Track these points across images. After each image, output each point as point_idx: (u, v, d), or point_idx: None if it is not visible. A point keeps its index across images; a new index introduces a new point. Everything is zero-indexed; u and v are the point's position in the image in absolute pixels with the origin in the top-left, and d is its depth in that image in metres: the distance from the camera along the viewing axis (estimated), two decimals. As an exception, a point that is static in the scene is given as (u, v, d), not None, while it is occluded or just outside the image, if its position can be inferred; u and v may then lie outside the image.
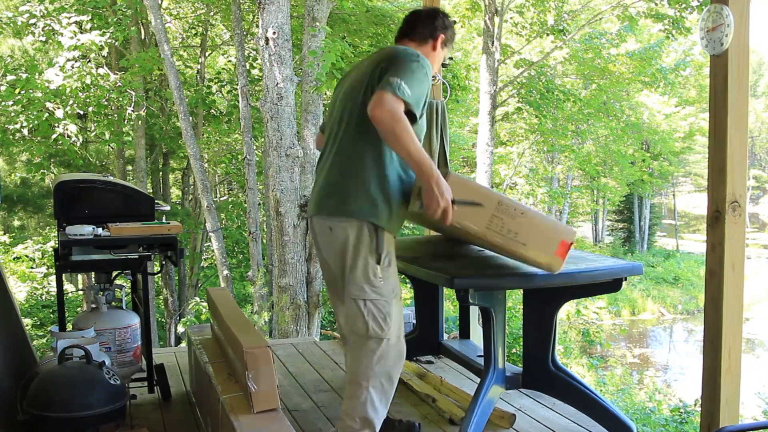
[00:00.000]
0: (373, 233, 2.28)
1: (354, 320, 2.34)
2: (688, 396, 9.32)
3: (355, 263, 2.30)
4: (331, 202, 2.33)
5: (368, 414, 2.34)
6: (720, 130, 2.19)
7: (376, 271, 2.30)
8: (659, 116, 23.61)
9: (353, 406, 2.36)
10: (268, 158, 6.96)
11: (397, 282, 2.39)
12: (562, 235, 2.29)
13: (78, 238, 2.84)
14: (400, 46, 2.38)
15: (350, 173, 2.30)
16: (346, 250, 2.31)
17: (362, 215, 2.27)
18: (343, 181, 2.32)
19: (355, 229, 2.28)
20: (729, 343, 2.21)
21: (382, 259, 2.30)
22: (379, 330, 2.32)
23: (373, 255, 2.29)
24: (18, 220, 14.97)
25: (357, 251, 2.30)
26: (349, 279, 2.33)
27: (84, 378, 2.51)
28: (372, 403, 2.34)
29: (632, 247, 27.84)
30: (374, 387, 2.34)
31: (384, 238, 2.30)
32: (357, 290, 2.31)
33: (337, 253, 2.35)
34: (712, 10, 2.20)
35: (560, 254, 2.28)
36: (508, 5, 13.18)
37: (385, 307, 2.32)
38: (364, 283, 2.30)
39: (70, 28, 8.25)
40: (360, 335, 2.34)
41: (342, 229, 2.30)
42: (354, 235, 2.29)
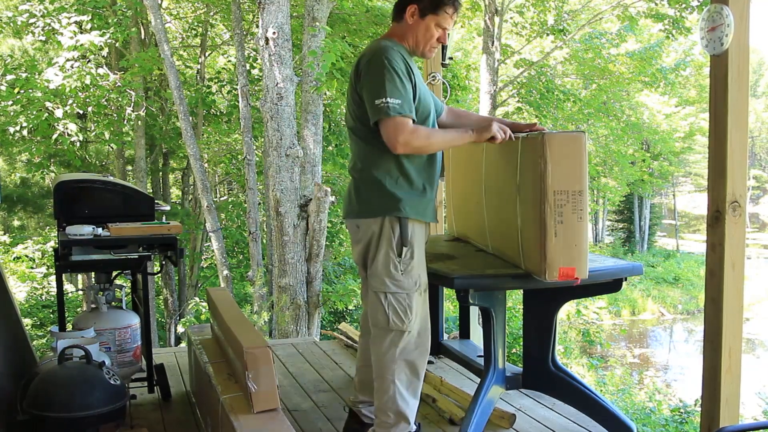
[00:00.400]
0: (396, 227, 2.35)
1: (375, 312, 2.40)
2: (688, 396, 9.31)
3: (376, 256, 2.37)
4: (355, 206, 2.43)
5: (399, 407, 2.39)
6: (720, 130, 2.19)
7: (397, 265, 2.35)
8: (659, 116, 23.61)
9: (384, 401, 2.40)
10: (268, 158, 6.96)
11: (421, 275, 2.41)
12: (581, 265, 2.28)
13: (78, 238, 2.84)
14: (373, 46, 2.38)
15: (367, 179, 2.39)
16: (370, 244, 2.40)
17: (383, 213, 2.35)
18: (362, 186, 2.41)
19: (378, 225, 2.37)
20: (729, 343, 2.21)
21: (404, 253, 2.35)
22: (400, 323, 2.36)
23: (394, 249, 2.35)
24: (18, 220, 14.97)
25: (379, 245, 2.37)
26: (371, 272, 2.40)
27: (84, 378, 2.51)
28: (401, 395, 2.39)
29: (632, 247, 27.84)
30: (399, 380, 2.38)
31: (409, 228, 2.35)
32: (378, 283, 2.37)
33: (364, 247, 2.43)
34: (712, 10, 2.20)
35: (561, 274, 2.27)
36: (508, 5, 13.19)
37: (405, 300, 2.36)
38: (384, 276, 2.36)
39: (70, 28, 8.25)
40: (381, 327, 2.39)
41: (367, 225, 2.40)
42: (377, 230, 2.37)
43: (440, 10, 2.38)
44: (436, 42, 2.44)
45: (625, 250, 27.15)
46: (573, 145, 2.26)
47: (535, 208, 2.29)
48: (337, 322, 10.35)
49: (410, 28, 2.41)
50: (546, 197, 2.24)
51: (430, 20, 2.39)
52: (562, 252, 2.27)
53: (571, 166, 2.26)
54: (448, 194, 3.53)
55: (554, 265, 2.27)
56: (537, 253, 2.31)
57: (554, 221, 2.25)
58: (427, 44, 2.42)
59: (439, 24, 2.40)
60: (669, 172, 26.87)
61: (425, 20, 2.39)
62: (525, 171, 2.39)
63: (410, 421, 2.42)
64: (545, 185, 2.24)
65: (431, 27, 2.40)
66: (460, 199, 3.26)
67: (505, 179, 2.57)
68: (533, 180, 2.30)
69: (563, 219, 2.25)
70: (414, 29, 2.40)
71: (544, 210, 2.25)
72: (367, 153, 2.39)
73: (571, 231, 2.26)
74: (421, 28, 2.40)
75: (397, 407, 2.39)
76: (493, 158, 2.73)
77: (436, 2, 2.38)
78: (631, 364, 15.64)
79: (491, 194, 2.76)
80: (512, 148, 2.48)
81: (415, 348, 2.40)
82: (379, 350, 2.41)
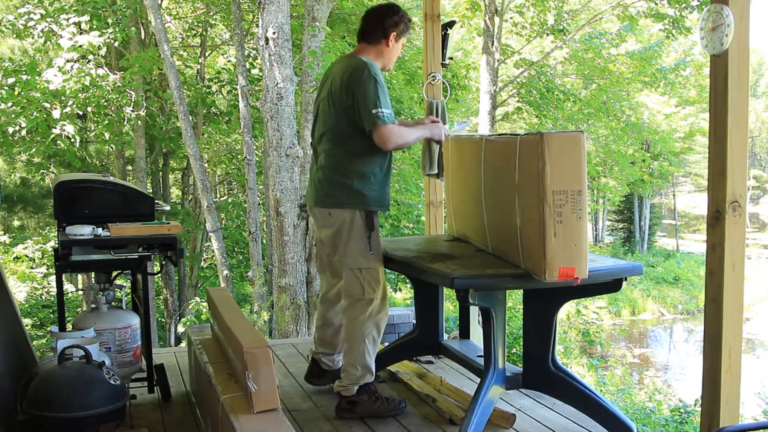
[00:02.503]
0: (365, 218, 2.88)
1: (351, 286, 2.93)
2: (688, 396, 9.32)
3: (350, 241, 2.90)
4: (329, 198, 2.93)
5: (366, 361, 2.93)
6: (720, 130, 2.19)
7: (368, 246, 2.90)
8: (659, 116, 23.61)
9: (354, 357, 2.93)
10: (268, 158, 6.96)
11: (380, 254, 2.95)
12: (581, 265, 2.29)
13: (78, 238, 2.84)
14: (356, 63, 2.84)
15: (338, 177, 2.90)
16: (342, 231, 2.91)
17: (354, 206, 2.88)
18: (334, 182, 2.91)
19: (349, 215, 2.89)
20: (729, 343, 2.21)
21: (372, 236, 2.89)
22: (372, 292, 2.91)
23: (366, 234, 2.89)
24: (18, 220, 14.97)
25: (351, 232, 2.90)
26: (346, 253, 2.92)
27: (84, 378, 2.51)
28: (368, 351, 2.93)
29: (632, 247, 27.84)
30: (368, 339, 2.93)
31: (374, 219, 2.90)
32: (354, 262, 2.91)
33: (335, 232, 2.93)
34: (712, 10, 2.20)
35: (561, 274, 2.28)
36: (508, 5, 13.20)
37: (375, 274, 2.91)
38: (359, 256, 2.90)
39: (69, 29, 8.24)
40: (356, 297, 2.92)
41: (338, 214, 2.91)
42: (349, 220, 2.89)
43: (407, 34, 3.01)
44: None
45: (625, 250, 27.14)
46: (572, 144, 2.26)
47: (534, 208, 2.29)
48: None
49: (388, 50, 2.96)
50: (545, 197, 2.24)
51: (401, 42, 2.99)
52: (561, 252, 2.27)
53: (570, 166, 2.26)
54: (448, 194, 3.53)
55: (554, 264, 2.27)
56: (537, 253, 2.31)
57: (553, 221, 2.25)
58: (393, 62, 3.04)
59: (403, 44, 3.03)
60: (669, 172, 26.86)
61: (398, 43, 2.98)
62: (524, 171, 2.39)
63: (373, 372, 2.95)
64: (544, 185, 2.24)
65: (399, 48, 3.01)
66: (460, 199, 3.26)
67: (505, 179, 2.57)
68: (532, 180, 2.30)
69: (562, 219, 2.26)
70: (391, 51, 2.97)
71: (543, 210, 2.25)
72: (341, 155, 2.90)
73: (571, 231, 2.26)
74: (395, 50, 2.99)
75: (364, 361, 2.92)
76: (493, 158, 2.74)
77: (407, 28, 2.99)
78: (631, 364, 15.64)
79: (491, 194, 2.76)
80: (511, 147, 2.48)
81: (380, 311, 2.94)
82: (354, 316, 2.92)
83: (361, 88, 2.76)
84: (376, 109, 2.73)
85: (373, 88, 2.75)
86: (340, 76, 2.86)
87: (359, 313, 2.91)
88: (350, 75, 2.80)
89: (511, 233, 2.51)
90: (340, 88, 2.83)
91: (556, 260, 2.27)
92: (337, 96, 2.84)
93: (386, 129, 2.74)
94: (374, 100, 2.73)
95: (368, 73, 2.77)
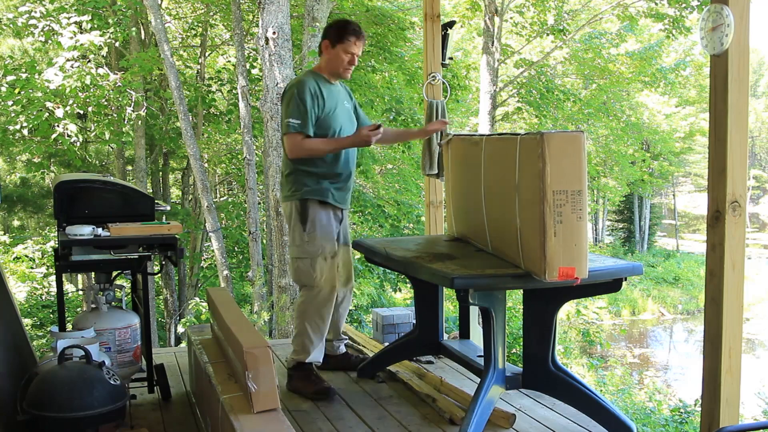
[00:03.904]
0: (299, 208, 3.16)
1: (292, 273, 3.29)
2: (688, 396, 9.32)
3: (292, 232, 3.23)
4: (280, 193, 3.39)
5: (305, 343, 3.22)
6: (720, 130, 2.19)
7: (303, 237, 3.16)
8: (659, 116, 23.62)
9: (296, 336, 3.26)
10: (268, 158, 6.96)
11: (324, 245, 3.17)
12: (581, 265, 2.29)
13: (78, 238, 2.84)
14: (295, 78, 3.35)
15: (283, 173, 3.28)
16: (288, 222, 3.27)
17: (290, 198, 3.19)
18: (281, 178, 3.33)
19: (289, 207, 3.22)
20: (729, 343, 2.21)
21: (308, 227, 3.15)
22: (306, 280, 3.19)
23: (299, 224, 3.16)
24: (18, 220, 14.97)
25: (291, 222, 3.22)
26: (289, 243, 3.31)
27: (84, 378, 2.51)
28: (308, 335, 3.21)
29: (632, 247, 27.84)
30: (308, 323, 3.21)
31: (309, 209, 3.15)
32: (290, 251, 3.29)
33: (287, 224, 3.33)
34: (712, 10, 2.20)
35: (561, 274, 2.27)
36: (508, 5, 13.20)
37: (311, 264, 3.15)
38: (295, 246, 3.20)
39: (69, 29, 8.24)
40: (297, 283, 3.30)
41: (284, 207, 3.29)
42: (289, 211, 3.23)
43: (344, 40, 3.13)
44: (348, 65, 3.18)
45: (625, 250, 27.15)
46: (572, 144, 2.26)
47: (534, 208, 2.29)
48: None
49: (326, 59, 3.20)
50: (545, 197, 2.24)
51: (339, 49, 3.14)
52: (561, 252, 2.27)
53: (570, 166, 2.26)
54: (448, 194, 3.53)
55: (554, 264, 2.27)
56: (537, 253, 2.31)
57: (553, 221, 2.25)
58: (340, 67, 3.17)
59: (346, 51, 3.14)
60: (669, 172, 26.87)
61: (335, 50, 3.15)
62: (524, 170, 2.39)
63: (309, 352, 3.23)
64: (544, 185, 2.24)
65: (340, 54, 3.15)
66: (460, 199, 3.26)
67: (505, 179, 2.57)
68: (532, 180, 2.30)
69: (562, 219, 2.25)
70: (328, 57, 3.19)
71: (543, 210, 2.25)
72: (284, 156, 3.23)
73: (571, 231, 2.26)
74: (333, 56, 3.17)
75: (303, 342, 3.22)
76: (493, 158, 2.73)
77: (340, 34, 3.14)
78: (631, 364, 15.64)
79: (491, 194, 2.76)
80: (511, 147, 2.48)
81: (321, 300, 3.18)
82: (297, 302, 3.27)
83: (283, 104, 3.16)
84: (287, 118, 3.07)
85: (288, 100, 3.10)
86: None
87: (300, 299, 3.26)
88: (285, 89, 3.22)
89: (511, 233, 2.51)
90: None
91: (556, 260, 2.27)
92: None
93: (288, 138, 3.08)
94: (286, 112, 3.09)
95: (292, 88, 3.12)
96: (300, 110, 3.05)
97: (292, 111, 3.06)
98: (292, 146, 3.08)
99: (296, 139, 3.07)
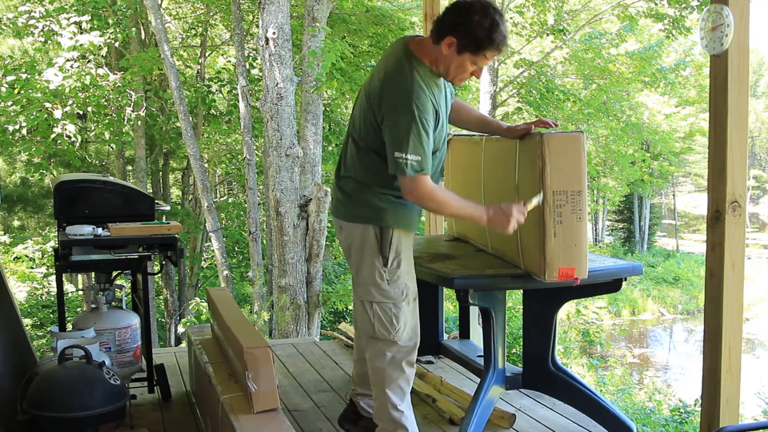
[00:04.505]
0: (379, 236, 2.32)
1: (362, 321, 2.41)
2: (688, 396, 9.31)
3: (361, 265, 2.36)
4: (342, 208, 2.43)
5: (393, 415, 2.38)
6: (720, 130, 2.19)
7: (383, 274, 2.33)
8: (659, 116, 23.60)
9: (379, 409, 2.43)
10: (268, 158, 6.96)
11: (409, 284, 2.39)
12: (580, 265, 2.29)
13: (78, 238, 2.84)
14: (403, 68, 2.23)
15: (358, 186, 2.36)
16: (351, 249, 2.40)
17: (366, 221, 2.34)
18: (352, 191, 2.38)
19: (360, 231, 2.35)
20: (729, 343, 2.21)
21: (390, 262, 2.32)
22: (386, 332, 2.35)
23: (379, 257, 2.32)
24: (18, 220, 14.97)
25: (362, 253, 2.35)
26: (357, 280, 2.40)
27: (84, 378, 2.50)
28: (393, 405, 2.38)
29: (632, 247, 27.82)
30: (391, 390, 2.38)
31: (394, 238, 2.33)
32: (364, 292, 2.36)
33: (346, 251, 2.45)
34: (712, 10, 2.20)
35: (561, 274, 2.28)
36: (508, 5, 13.19)
37: (392, 310, 2.35)
38: (371, 285, 2.35)
39: (69, 29, 8.24)
40: (369, 336, 2.40)
41: (349, 229, 2.39)
42: (359, 237, 2.35)
43: (480, 52, 2.20)
44: (468, 76, 2.30)
45: (625, 250, 27.13)
46: (571, 145, 2.26)
47: (534, 209, 2.29)
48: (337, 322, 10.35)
49: (444, 57, 2.23)
50: (545, 197, 2.24)
51: (466, 58, 2.22)
52: (561, 252, 2.27)
53: (569, 166, 2.26)
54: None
55: (554, 265, 2.27)
56: (536, 254, 2.31)
57: (553, 221, 2.25)
58: (457, 77, 2.28)
59: (475, 63, 2.24)
60: (669, 172, 26.85)
61: (461, 56, 2.21)
62: (524, 171, 2.39)
63: (407, 426, 2.40)
64: (544, 185, 2.24)
65: (466, 63, 2.23)
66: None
67: (504, 179, 2.57)
68: (532, 180, 2.30)
69: (562, 219, 2.26)
70: (448, 60, 2.23)
71: (543, 210, 2.25)
72: (366, 164, 2.34)
73: (571, 231, 2.26)
74: (455, 63, 2.23)
75: (390, 416, 2.39)
76: (493, 158, 2.73)
77: (479, 44, 2.18)
78: (631, 364, 15.63)
79: (491, 194, 2.76)
80: (511, 148, 2.48)
81: (402, 359, 2.38)
82: (371, 358, 2.42)
83: (393, 114, 2.18)
84: (401, 153, 2.15)
85: (404, 121, 2.15)
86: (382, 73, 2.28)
87: (377, 358, 2.38)
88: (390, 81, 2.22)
89: (511, 234, 2.51)
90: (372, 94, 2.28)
91: (556, 261, 2.27)
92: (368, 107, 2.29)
93: (408, 180, 2.18)
94: (401, 140, 2.15)
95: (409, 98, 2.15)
96: (422, 141, 2.16)
97: (412, 141, 2.14)
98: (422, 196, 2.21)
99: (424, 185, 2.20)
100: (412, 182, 2.18)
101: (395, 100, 2.18)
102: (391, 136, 2.19)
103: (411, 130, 2.14)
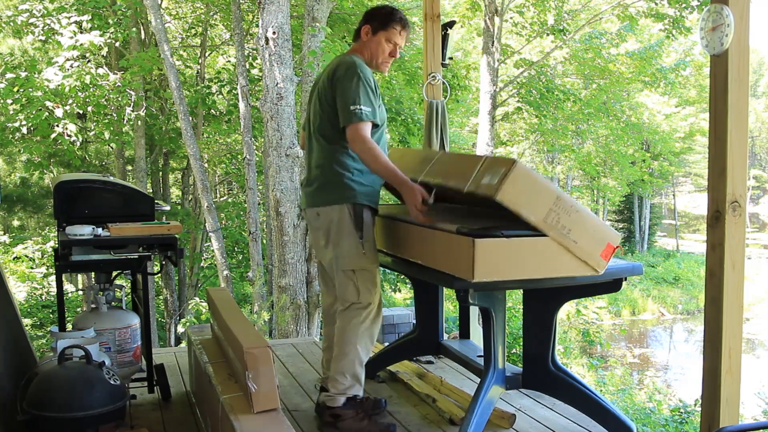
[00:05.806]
0: (353, 213, 2.68)
1: (345, 289, 2.73)
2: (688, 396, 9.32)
3: (340, 241, 2.70)
4: (317, 197, 2.75)
5: (356, 370, 2.74)
6: (720, 130, 2.19)
7: (359, 246, 2.69)
8: (659, 116, 23.61)
9: (344, 364, 2.72)
10: (268, 158, 6.96)
11: (377, 256, 2.77)
12: (609, 237, 2.40)
13: (78, 238, 2.84)
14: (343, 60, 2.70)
15: (328, 174, 2.71)
16: (330, 231, 2.71)
17: (341, 201, 2.68)
18: (324, 180, 2.72)
19: (337, 212, 2.69)
20: (729, 343, 2.21)
21: (364, 235, 2.69)
22: (368, 295, 2.72)
23: (355, 233, 2.68)
24: (18, 220, 14.96)
25: (340, 230, 2.69)
26: (337, 254, 2.71)
27: (84, 378, 2.51)
28: (360, 361, 2.74)
29: (632, 247, 27.83)
30: (361, 346, 2.73)
31: (365, 215, 2.69)
32: (347, 263, 2.71)
33: (324, 233, 2.74)
34: (712, 10, 2.20)
35: (605, 256, 2.39)
36: (508, 5, 13.19)
37: (369, 275, 2.72)
38: (353, 256, 2.69)
39: (69, 28, 8.24)
40: (351, 302, 2.72)
41: (326, 213, 2.72)
42: (336, 217, 2.69)
43: (389, 27, 2.76)
44: (389, 56, 2.80)
45: (625, 250, 27.13)
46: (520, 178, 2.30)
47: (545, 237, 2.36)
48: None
49: (365, 44, 2.78)
50: (543, 229, 2.33)
51: (381, 36, 2.76)
52: (590, 246, 2.37)
53: (534, 193, 2.31)
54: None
55: (595, 256, 2.38)
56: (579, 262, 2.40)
57: (564, 236, 2.34)
58: (379, 58, 2.78)
59: (389, 39, 2.76)
60: (669, 172, 26.87)
61: (377, 36, 2.76)
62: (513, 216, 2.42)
63: (362, 383, 2.77)
64: (534, 223, 2.32)
65: (382, 42, 2.76)
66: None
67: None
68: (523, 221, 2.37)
69: (567, 225, 2.33)
70: (368, 45, 2.77)
71: (551, 236, 2.34)
72: (331, 152, 2.70)
73: (579, 226, 2.35)
74: (374, 44, 2.77)
75: (354, 370, 2.72)
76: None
77: (384, 20, 2.76)
78: (631, 364, 15.63)
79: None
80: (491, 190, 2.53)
81: (375, 318, 2.75)
82: (347, 321, 2.72)
83: (342, 83, 2.61)
84: (354, 105, 2.56)
85: (355, 84, 2.59)
86: (327, 73, 2.74)
87: (353, 317, 2.71)
88: (335, 70, 2.67)
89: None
90: (326, 83, 2.69)
91: (595, 251, 2.37)
92: (324, 93, 2.70)
93: (358, 129, 2.56)
94: (354, 96, 2.58)
95: (354, 69, 2.62)
96: (369, 97, 2.60)
97: (362, 96, 2.58)
98: (365, 140, 2.56)
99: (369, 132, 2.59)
100: (362, 128, 2.56)
101: (344, 75, 2.63)
102: (343, 96, 2.60)
103: (360, 87, 2.59)
